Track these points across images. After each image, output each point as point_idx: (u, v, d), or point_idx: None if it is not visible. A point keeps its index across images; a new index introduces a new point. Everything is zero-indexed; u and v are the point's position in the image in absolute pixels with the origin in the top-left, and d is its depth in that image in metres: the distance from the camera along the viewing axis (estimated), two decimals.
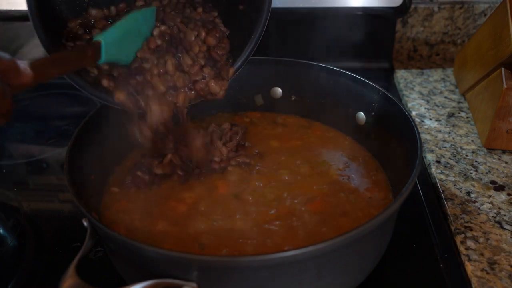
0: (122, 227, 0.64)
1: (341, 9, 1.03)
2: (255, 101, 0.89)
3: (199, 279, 0.49)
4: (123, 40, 0.63)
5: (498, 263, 0.63)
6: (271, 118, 0.87)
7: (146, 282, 0.48)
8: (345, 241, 0.49)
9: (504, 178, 0.78)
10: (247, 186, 0.70)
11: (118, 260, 0.60)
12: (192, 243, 0.61)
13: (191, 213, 0.66)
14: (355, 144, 0.80)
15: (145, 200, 0.69)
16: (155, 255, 0.49)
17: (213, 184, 0.71)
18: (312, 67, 0.82)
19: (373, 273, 0.61)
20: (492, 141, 0.83)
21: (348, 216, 0.65)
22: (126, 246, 0.52)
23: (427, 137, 0.88)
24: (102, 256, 0.66)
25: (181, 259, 0.49)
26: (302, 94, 0.86)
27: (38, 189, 0.80)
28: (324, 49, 1.06)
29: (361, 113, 0.79)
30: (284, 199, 0.68)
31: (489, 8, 1.14)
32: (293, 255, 0.47)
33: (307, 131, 0.84)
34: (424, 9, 1.14)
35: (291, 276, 0.51)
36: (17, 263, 0.67)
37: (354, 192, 0.69)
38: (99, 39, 0.59)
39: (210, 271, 0.50)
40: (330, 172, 0.73)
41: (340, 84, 0.80)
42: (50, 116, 1.02)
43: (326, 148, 0.79)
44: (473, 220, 0.70)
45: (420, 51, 1.21)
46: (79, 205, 0.54)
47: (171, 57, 0.67)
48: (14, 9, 1.00)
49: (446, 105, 0.98)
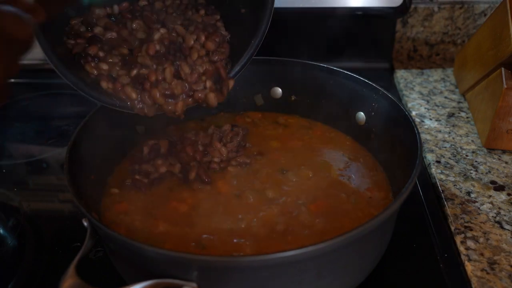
0: (123, 228, 0.64)
1: (341, 9, 1.03)
2: (255, 101, 0.88)
3: (199, 279, 0.49)
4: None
5: (498, 263, 0.63)
6: (272, 118, 0.87)
7: (146, 282, 0.48)
8: (345, 241, 0.49)
9: (504, 178, 0.78)
10: (248, 186, 0.70)
11: (118, 260, 0.60)
12: (193, 243, 0.61)
13: (192, 214, 0.66)
14: (355, 144, 0.80)
15: (145, 201, 0.68)
16: (155, 255, 0.48)
17: (213, 184, 0.71)
18: (312, 67, 0.82)
19: (373, 273, 0.61)
20: (492, 141, 0.83)
21: (349, 216, 0.65)
22: (126, 246, 0.52)
23: (427, 137, 0.88)
24: (102, 256, 0.66)
25: (181, 259, 0.49)
26: (302, 94, 0.86)
27: (38, 189, 0.80)
28: (324, 49, 1.06)
29: (361, 113, 0.79)
30: (284, 199, 0.68)
31: (489, 8, 1.14)
32: (293, 255, 0.47)
33: (308, 132, 0.84)
34: (424, 9, 1.14)
35: (291, 276, 0.51)
36: (17, 263, 0.67)
37: (355, 192, 0.69)
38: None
39: (210, 271, 0.50)
40: (330, 172, 0.73)
41: (340, 84, 0.80)
42: (50, 116, 1.02)
43: (327, 148, 0.79)
44: (473, 220, 0.70)
45: (420, 51, 1.21)
46: (79, 205, 0.54)
47: (169, 64, 0.67)
48: None
49: (446, 105, 0.98)
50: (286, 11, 1.04)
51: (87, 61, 0.65)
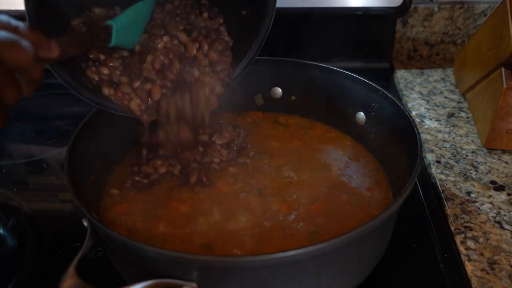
0: (124, 228, 0.64)
1: (341, 9, 1.03)
2: (255, 101, 0.88)
3: (199, 279, 0.49)
4: (130, 26, 0.67)
5: (498, 263, 0.63)
6: (273, 118, 0.87)
7: (146, 282, 0.48)
8: (345, 241, 0.49)
9: (504, 178, 0.78)
10: (248, 187, 0.70)
11: (118, 260, 0.60)
12: (194, 243, 0.61)
13: (192, 214, 0.66)
14: (355, 144, 0.80)
15: (145, 202, 0.68)
16: (155, 255, 0.49)
17: (213, 185, 0.71)
18: (312, 67, 0.82)
19: (373, 273, 0.61)
20: (492, 141, 0.83)
21: (349, 216, 0.65)
22: (126, 246, 0.52)
23: (427, 137, 0.88)
24: (102, 256, 0.66)
25: (181, 259, 0.49)
26: (302, 94, 0.86)
27: (38, 189, 0.80)
28: (324, 49, 1.06)
29: (361, 113, 0.79)
30: (285, 199, 0.68)
31: (489, 8, 1.14)
32: (293, 255, 0.47)
33: (308, 132, 0.84)
34: (424, 9, 1.14)
35: (291, 276, 0.51)
36: (17, 263, 0.67)
37: (355, 192, 0.69)
38: (111, 24, 0.63)
39: (210, 271, 0.50)
40: (331, 172, 0.73)
41: (340, 84, 0.80)
42: (50, 116, 1.02)
43: (327, 148, 0.79)
44: (473, 220, 0.70)
45: (420, 51, 1.21)
46: (79, 205, 0.54)
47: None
48: (14, 9, 1.00)
49: (446, 105, 0.98)
50: (286, 11, 1.04)
51: (88, 66, 0.65)
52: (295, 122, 0.86)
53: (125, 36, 0.66)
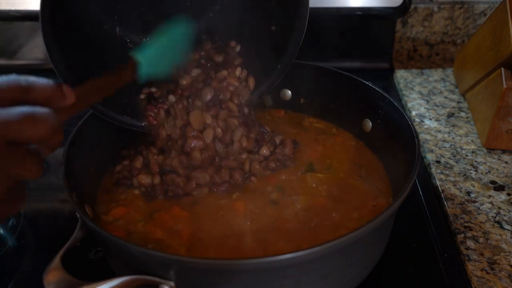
0: (122, 232, 0.63)
1: (341, 9, 1.03)
2: (264, 102, 0.88)
3: (177, 279, 0.48)
4: (159, 56, 0.62)
5: (498, 263, 0.63)
6: (297, 119, 0.86)
7: (123, 278, 0.47)
8: (346, 242, 0.49)
9: (504, 178, 0.78)
10: (248, 187, 0.70)
11: (108, 257, 0.60)
12: (194, 246, 0.61)
13: (190, 217, 0.65)
14: (362, 147, 0.79)
15: (144, 206, 0.68)
16: (136, 253, 0.48)
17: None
18: (323, 71, 0.81)
19: (373, 273, 0.61)
20: (492, 141, 0.83)
21: (355, 220, 0.64)
22: (108, 240, 0.52)
23: (426, 137, 0.88)
24: (102, 256, 0.66)
25: (157, 257, 0.48)
26: (311, 97, 0.85)
27: (38, 189, 0.80)
28: (324, 49, 1.06)
29: (368, 119, 0.77)
30: (287, 201, 0.67)
31: (489, 8, 1.14)
32: (271, 261, 0.47)
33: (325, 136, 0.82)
34: (424, 9, 1.14)
35: (271, 281, 0.51)
36: (17, 263, 0.67)
37: (360, 196, 0.68)
38: (135, 57, 0.58)
39: (187, 271, 0.49)
40: (336, 175, 0.72)
41: (348, 89, 0.78)
42: None
43: (333, 151, 0.78)
44: (473, 220, 0.70)
45: (420, 51, 1.21)
46: (70, 199, 0.54)
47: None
48: (14, 9, 1.00)
49: (446, 105, 0.98)
50: None
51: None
52: (310, 125, 0.85)
53: (155, 67, 0.60)
